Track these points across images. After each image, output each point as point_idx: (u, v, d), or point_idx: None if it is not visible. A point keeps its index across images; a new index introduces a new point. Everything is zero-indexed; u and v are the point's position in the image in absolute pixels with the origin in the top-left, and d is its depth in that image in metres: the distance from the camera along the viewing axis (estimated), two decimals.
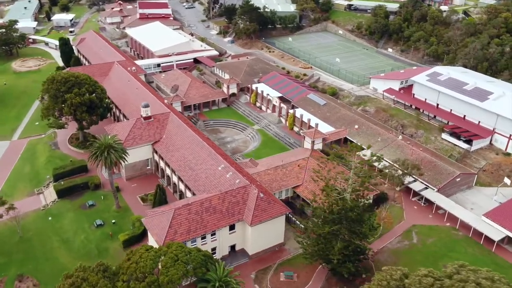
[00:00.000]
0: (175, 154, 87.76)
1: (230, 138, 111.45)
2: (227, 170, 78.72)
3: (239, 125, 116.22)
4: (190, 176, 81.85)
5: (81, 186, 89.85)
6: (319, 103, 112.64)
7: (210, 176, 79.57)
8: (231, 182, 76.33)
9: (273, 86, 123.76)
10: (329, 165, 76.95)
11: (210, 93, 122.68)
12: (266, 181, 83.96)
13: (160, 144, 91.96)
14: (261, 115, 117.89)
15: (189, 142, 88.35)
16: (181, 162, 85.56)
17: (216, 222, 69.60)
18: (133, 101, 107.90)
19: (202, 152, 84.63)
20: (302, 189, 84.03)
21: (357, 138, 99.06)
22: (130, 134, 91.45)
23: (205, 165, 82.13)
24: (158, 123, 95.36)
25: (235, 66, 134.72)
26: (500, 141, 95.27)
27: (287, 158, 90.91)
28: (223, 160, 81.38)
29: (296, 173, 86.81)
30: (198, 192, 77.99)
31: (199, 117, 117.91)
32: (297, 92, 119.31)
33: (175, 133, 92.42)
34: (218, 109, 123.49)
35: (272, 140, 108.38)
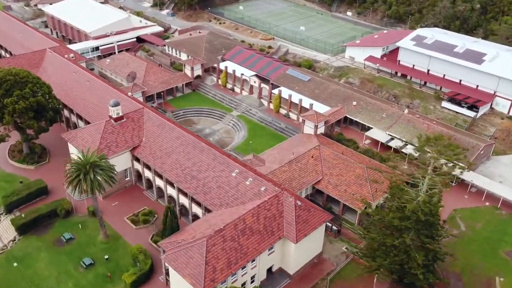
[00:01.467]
0: (166, 161, 71.40)
1: (208, 129, 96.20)
2: (244, 175, 64.94)
3: (214, 112, 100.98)
4: (196, 187, 66.67)
5: (48, 215, 70.52)
6: (303, 79, 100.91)
7: (224, 185, 65.21)
8: (255, 191, 62.91)
9: (242, 64, 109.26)
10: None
11: (172, 78, 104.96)
12: (285, 180, 71.48)
13: (142, 150, 74.67)
14: (236, 98, 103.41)
15: (181, 143, 72.31)
16: (178, 171, 69.68)
17: (256, 245, 56.31)
18: (88, 98, 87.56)
19: (204, 156, 69.42)
20: (325, 185, 72.95)
21: (359, 116, 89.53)
22: (102, 142, 72.75)
23: (212, 171, 67.30)
24: (133, 123, 77.41)
25: (192, 43, 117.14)
26: (502, 104, 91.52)
27: (294, 149, 78.90)
28: (234, 162, 67.25)
29: (313, 166, 75.27)
30: (214, 207, 63.51)
31: (166, 108, 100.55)
32: (272, 68, 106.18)
33: (158, 133, 75.51)
34: (183, 95, 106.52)
35: (260, 127, 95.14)
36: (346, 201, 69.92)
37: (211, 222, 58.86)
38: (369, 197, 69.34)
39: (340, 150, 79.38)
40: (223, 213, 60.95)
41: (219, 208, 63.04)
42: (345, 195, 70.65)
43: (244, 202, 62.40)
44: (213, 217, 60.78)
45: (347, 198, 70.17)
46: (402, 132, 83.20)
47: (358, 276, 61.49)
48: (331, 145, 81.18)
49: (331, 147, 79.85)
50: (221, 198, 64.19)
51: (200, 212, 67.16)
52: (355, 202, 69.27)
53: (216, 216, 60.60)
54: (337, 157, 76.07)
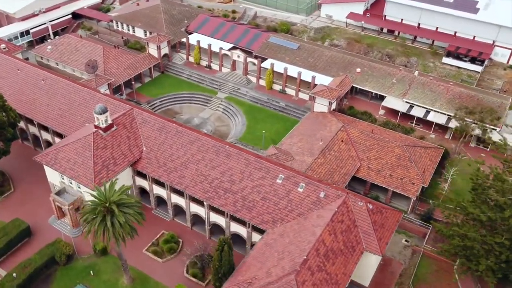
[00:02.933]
0: (185, 173, 58.14)
1: (196, 118, 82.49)
2: (293, 180, 54.33)
3: (196, 97, 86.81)
4: (235, 203, 54.81)
5: (45, 265, 54.93)
6: (291, 47, 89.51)
7: (271, 196, 54.22)
8: (312, 198, 52.87)
9: (214, 35, 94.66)
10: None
11: (137, 61, 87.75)
12: (325, 174, 62.05)
13: (148, 162, 60.32)
14: (217, 77, 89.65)
15: (199, 149, 59.08)
16: (204, 185, 57.00)
17: (343, 269, 47.12)
18: (49, 102, 69.22)
19: (232, 162, 57.23)
20: (366, 172, 64.79)
21: (368, 85, 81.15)
22: (96, 161, 57.16)
23: (249, 180, 55.69)
24: (126, 131, 62.08)
25: (146, 15, 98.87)
26: (501, 54, 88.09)
27: (316, 134, 69.18)
28: (274, 166, 56.11)
29: (347, 152, 66.40)
30: (266, 225, 52.57)
31: (138, 99, 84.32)
32: (250, 37, 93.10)
33: (162, 139, 61.26)
34: (152, 80, 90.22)
35: (256, 109, 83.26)
36: (396, 188, 62.61)
37: (278, 249, 48.33)
38: (419, 179, 62.72)
39: (368, 128, 71.20)
40: (285, 233, 50.52)
41: (274, 226, 52.47)
42: (392, 181, 63.28)
43: (302, 214, 52.40)
44: (276, 240, 50.14)
45: (397, 184, 62.89)
46: (420, 98, 76.64)
47: (434, 272, 55.58)
48: (353, 123, 72.57)
49: (355, 126, 71.35)
50: (272, 213, 53.42)
51: (244, 231, 56.07)
52: (406, 187, 62.37)
53: (279, 239, 50.05)
54: (368, 137, 67.87)
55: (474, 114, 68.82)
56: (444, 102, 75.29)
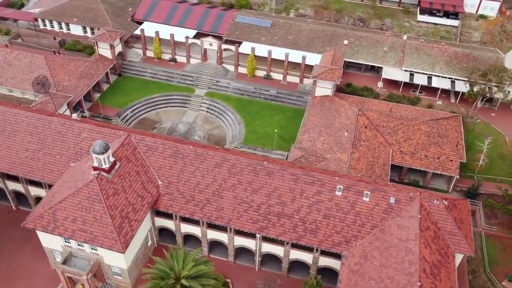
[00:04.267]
0: (222, 205, 48.18)
1: (181, 124, 70.97)
2: (354, 189, 47.45)
3: (171, 99, 74.59)
4: (295, 229, 46.45)
5: None
6: (264, 25, 79.88)
7: (333, 213, 46.98)
8: (383, 207, 46.73)
9: (170, 21, 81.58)
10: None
11: (90, 67, 72.34)
12: (366, 170, 55.96)
13: (170, 200, 49.23)
14: (187, 71, 77.68)
15: (231, 172, 49.11)
16: (251, 213, 47.78)
17: (449, 282, 42.26)
18: (7, 145, 53.56)
19: (277, 180, 48.49)
20: (401, 157, 59.90)
21: (361, 57, 75.27)
22: (111, 213, 45.15)
23: (302, 199, 47.72)
24: (132, 165, 49.99)
25: (80, 8, 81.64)
26: (470, 4, 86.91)
27: (335, 122, 62.44)
28: (324, 176, 48.66)
29: (374, 138, 60.78)
30: (340, 248, 45.68)
31: (106, 113, 70.10)
32: (213, 19, 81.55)
33: (180, 167, 50.14)
34: (112, 86, 75.77)
35: (245, 101, 73.62)
36: (436, 169, 58.83)
37: (371, 275, 41.97)
38: (455, 155, 59.49)
39: (383, 107, 65.96)
40: (368, 254, 44.06)
41: (348, 246, 45.84)
42: (430, 162, 59.35)
43: (375, 226, 46.31)
44: (361, 264, 43.66)
45: (436, 164, 59.05)
46: (419, 64, 72.77)
47: (501, 251, 53.56)
48: (365, 103, 66.83)
49: (369, 106, 65.71)
50: (341, 232, 46.50)
51: (308, 257, 48.71)
52: (446, 166, 58.92)
53: (364, 263, 43.56)
54: (390, 118, 62.77)
55: (486, 76, 66.68)
56: (443, 65, 72.38)
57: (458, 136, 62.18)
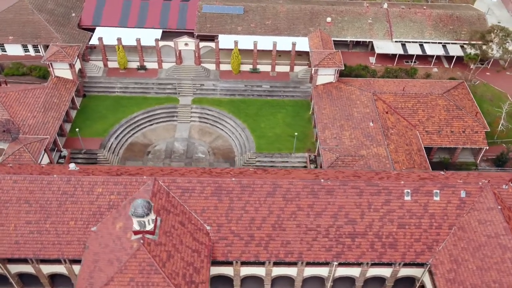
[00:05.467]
0: (287, 238, 42.39)
1: (177, 143, 62.23)
2: (422, 191, 44.03)
3: (155, 114, 64.85)
4: (373, 247, 42.32)
5: None
6: (236, 12, 71.64)
7: (407, 220, 43.28)
8: (455, 203, 43.89)
9: (125, 23, 70.18)
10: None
11: (53, 95, 59.52)
12: (407, 161, 52.97)
13: (227, 246, 42.29)
14: (162, 78, 67.82)
15: (286, 199, 43.14)
16: (321, 241, 42.48)
17: None
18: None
19: (339, 197, 43.30)
20: (429, 137, 57.41)
21: (348, 34, 70.71)
22: (176, 281, 37.51)
23: (372, 212, 43.24)
24: (173, 215, 41.90)
25: (12, 22, 66.25)
26: None
27: (352, 113, 58.12)
28: (385, 182, 44.66)
29: (398, 123, 57.51)
30: (425, 255, 42.67)
31: (87, 148, 58.99)
32: (176, 12, 71.47)
33: (226, 206, 42.91)
34: (80, 111, 63.86)
35: (240, 103, 66.14)
36: (465, 144, 57.48)
37: (474, 282, 39.57)
38: (479, 125, 58.40)
39: (394, 86, 62.63)
40: (459, 259, 41.26)
41: (432, 254, 42.87)
42: (457, 138, 57.78)
43: (452, 225, 43.56)
44: (457, 272, 40.78)
45: (463, 139, 57.62)
46: (408, 33, 70.03)
47: None
48: (373, 86, 63.07)
49: (379, 88, 62.10)
50: (421, 239, 43.17)
51: (388, 272, 45.09)
52: (473, 139, 57.78)
53: (459, 270, 40.81)
54: (405, 98, 59.83)
55: (485, 37, 65.80)
56: (431, 31, 70.56)
57: (472, 105, 61.36)
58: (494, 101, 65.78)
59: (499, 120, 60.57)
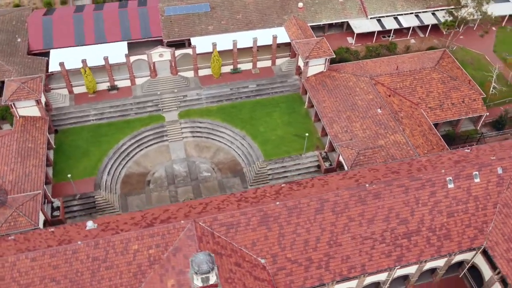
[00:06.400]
0: (345, 252, 40.28)
1: (176, 165, 56.75)
2: (462, 176, 43.45)
3: (143, 137, 58.44)
4: (429, 242, 41.50)
5: None
6: (203, 10, 65.75)
7: (455, 208, 42.86)
8: (495, 181, 44.01)
9: (82, 41, 62.00)
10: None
11: (26, 139, 51.25)
12: (424, 143, 52.27)
13: (287, 275, 39.15)
14: (139, 96, 61.05)
15: (335, 212, 40.79)
16: (378, 248, 40.85)
17: None
18: None
19: (386, 199, 41.77)
20: (433, 113, 57.08)
21: (323, 17, 67.88)
22: None
23: (420, 207, 42.23)
24: (225, 258, 37.78)
25: None
26: None
27: (355, 102, 56.14)
28: (425, 174, 43.53)
29: (402, 105, 56.47)
30: (478, 239, 42.48)
31: (79, 192, 51.79)
32: (136, 21, 64.21)
33: (276, 233, 39.68)
34: (57, 150, 55.71)
35: (230, 108, 61.36)
36: (467, 114, 57.77)
37: None
38: (475, 93, 58.92)
39: (385, 65, 61.23)
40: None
41: (485, 236, 42.94)
42: (458, 109, 57.92)
43: (496, 204, 43.96)
44: None
45: (465, 109, 57.87)
46: (381, 8, 68.53)
47: None
48: (365, 69, 61.31)
49: (373, 71, 60.45)
50: (472, 224, 43.11)
51: (442, 261, 44.51)
52: (474, 107, 58.31)
53: None
54: (401, 77, 58.96)
55: (460, 3, 66.07)
56: (403, 2, 69.80)
57: (462, 73, 61.87)
58: (475, 64, 67.25)
59: (489, 84, 61.92)
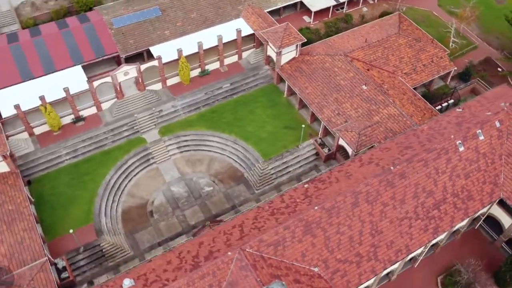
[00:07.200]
0: (387, 237, 40.67)
1: (173, 187, 53.08)
2: (468, 136, 45.10)
3: (128, 165, 53.63)
4: (456, 206, 43.18)
5: None
6: (154, 15, 60.49)
7: (469, 167, 44.79)
8: (496, 134, 46.41)
9: (30, 73, 54.66)
10: None
11: (5, 202, 44.70)
12: (413, 111, 53.36)
13: (345, 276, 38.78)
14: (110, 122, 55.68)
15: (368, 201, 40.71)
16: (418, 224, 41.74)
17: None
18: None
19: (411, 177, 42.43)
20: (410, 78, 58.23)
21: (278, 1, 65.61)
22: None
23: (441, 176, 43.55)
24: (288, 280, 36.23)
25: None
26: None
27: (338, 83, 55.66)
28: (436, 144, 44.64)
29: (382, 77, 56.97)
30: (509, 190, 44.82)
31: (82, 243, 46.46)
32: (85, 39, 57.64)
33: (322, 235, 38.81)
34: (39, 204, 49.36)
35: (210, 114, 58.09)
36: (439, 72, 59.77)
37: None
38: (441, 51, 60.90)
39: (355, 39, 61.02)
40: None
41: (500, 188, 45.36)
42: (431, 69, 59.67)
43: (501, 155, 46.58)
44: None
45: (437, 68, 59.82)
46: None
47: None
48: (333, 47, 60.69)
49: (342, 48, 60.12)
50: (486, 180, 45.42)
51: (465, 221, 46.46)
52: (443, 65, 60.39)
53: None
54: (372, 49, 59.44)
55: None
56: None
57: (423, 33, 63.59)
58: (426, 22, 69.64)
59: (448, 39, 64.54)
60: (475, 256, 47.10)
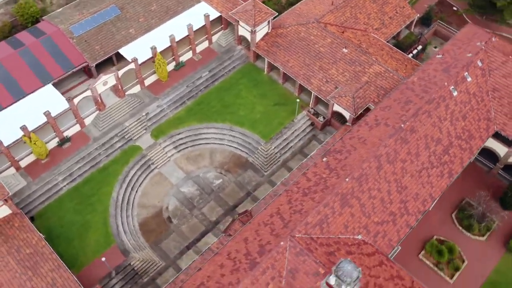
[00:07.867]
0: (412, 190, 43.10)
1: (182, 188, 51.77)
2: (459, 81, 47.79)
3: (130, 176, 51.46)
4: (464, 144, 46.36)
5: None
6: (113, 15, 56.52)
7: (468, 107, 47.85)
8: (479, 72, 49.44)
9: (6, 98, 50.00)
10: None
11: (19, 246, 41.70)
12: (398, 65, 55.14)
13: (385, 235, 40.74)
14: (98, 137, 52.56)
15: (389, 160, 42.71)
16: (435, 171, 44.40)
17: None
18: None
19: (420, 129, 44.67)
20: (381, 32, 59.71)
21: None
22: None
23: (444, 122, 46.27)
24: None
25: None
26: None
27: (319, 51, 56.02)
28: (430, 90, 46.90)
29: (359, 36, 57.91)
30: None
31: (111, 266, 44.56)
32: (47, 55, 52.96)
33: (354, 206, 40.25)
34: (49, 237, 45.94)
35: (198, 107, 56.57)
36: (404, 22, 61.91)
37: None
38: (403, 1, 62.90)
39: (320, 4, 61.08)
40: None
41: (498, 123, 48.96)
42: (397, 20, 61.69)
43: (490, 91, 49.96)
44: None
45: (402, 18, 61.93)
46: None
47: None
48: (303, 15, 60.51)
49: (311, 14, 60.13)
50: (480, 117, 48.90)
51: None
52: (406, 14, 62.45)
53: None
54: (341, 10, 59.98)
55: None
56: None
57: None
58: None
59: None
60: (478, 186, 51.18)
